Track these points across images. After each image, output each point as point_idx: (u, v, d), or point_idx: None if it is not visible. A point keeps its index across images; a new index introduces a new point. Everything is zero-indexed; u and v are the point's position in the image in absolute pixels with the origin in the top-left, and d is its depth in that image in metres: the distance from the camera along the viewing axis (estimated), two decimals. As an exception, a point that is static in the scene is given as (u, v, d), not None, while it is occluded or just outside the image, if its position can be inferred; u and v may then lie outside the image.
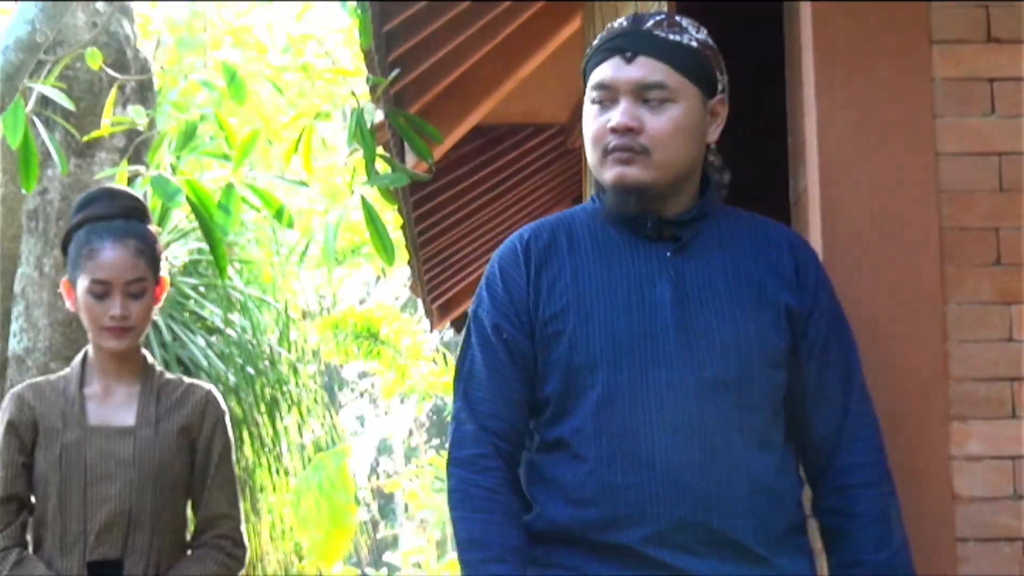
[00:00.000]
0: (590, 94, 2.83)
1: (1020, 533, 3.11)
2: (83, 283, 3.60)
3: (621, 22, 2.85)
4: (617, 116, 2.77)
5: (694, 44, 2.79)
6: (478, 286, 2.90)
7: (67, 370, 3.73)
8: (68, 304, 3.70)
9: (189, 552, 3.69)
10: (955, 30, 3.25)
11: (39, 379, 3.79)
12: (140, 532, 3.59)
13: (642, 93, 2.77)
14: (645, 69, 2.77)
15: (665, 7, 4.23)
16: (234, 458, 3.78)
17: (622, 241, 2.82)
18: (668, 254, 2.80)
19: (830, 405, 2.81)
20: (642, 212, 2.80)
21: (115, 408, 3.66)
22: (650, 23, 2.81)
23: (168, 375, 3.78)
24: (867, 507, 2.77)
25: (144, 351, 3.76)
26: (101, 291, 3.59)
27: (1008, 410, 3.16)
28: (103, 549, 3.55)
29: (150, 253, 3.69)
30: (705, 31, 2.84)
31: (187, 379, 3.81)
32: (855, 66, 3.21)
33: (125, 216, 3.68)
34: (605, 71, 2.80)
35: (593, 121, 2.81)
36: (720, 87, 2.83)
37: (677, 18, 2.84)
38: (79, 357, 3.74)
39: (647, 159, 2.76)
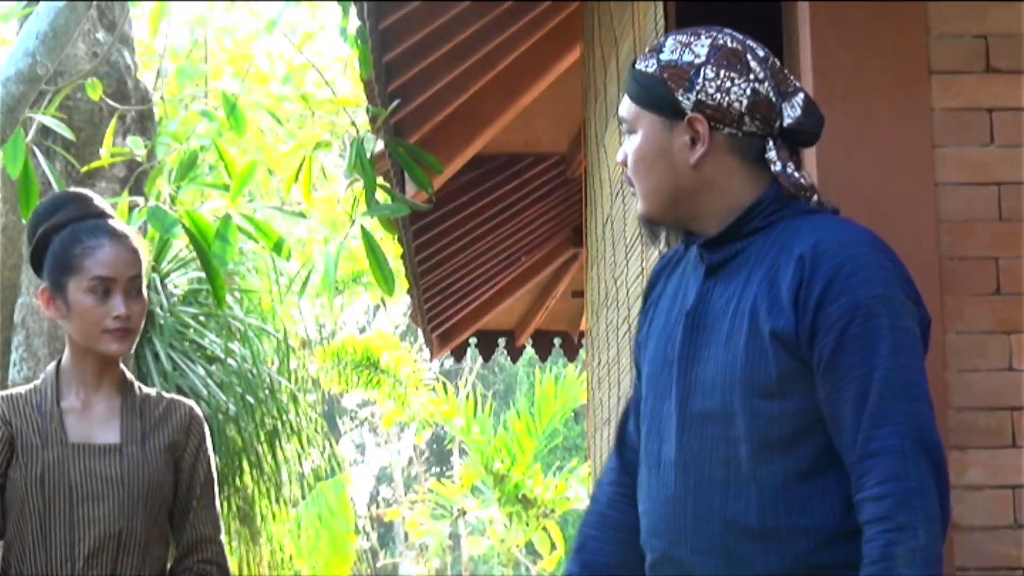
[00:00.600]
0: None
1: (1020, 562, 3.11)
2: (79, 284, 3.35)
3: None
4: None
5: (651, 69, 2.72)
6: None
7: (37, 382, 3.47)
8: (49, 313, 3.43)
9: None
10: (954, 61, 3.26)
11: (12, 391, 3.48)
12: (129, 556, 3.37)
13: (624, 130, 2.80)
14: (621, 104, 2.81)
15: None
16: (216, 479, 3.61)
17: (695, 265, 2.79)
18: (703, 278, 2.75)
19: (846, 433, 2.54)
20: (688, 235, 2.78)
21: (96, 424, 3.42)
22: (645, 52, 2.80)
23: (146, 388, 3.54)
24: (868, 547, 2.49)
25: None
26: (104, 289, 3.34)
27: (1008, 439, 3.16)
28: (92, 575, 3.32)
29: (142, 251, 3.45)
30: (692, 46, 2.73)
31: (166, 393, 3.60)
32: (855, 96, 3.22)
33: (104, 216, 3.46)
34: None
35: None
36: (688, 106, 2.68)
37: (667, 38, 2.78)
38: (51, 369, 3.47)
39: (636, 192, 2.78)
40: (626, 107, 2.78)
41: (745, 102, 2.68)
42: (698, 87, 2.68)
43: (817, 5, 3.27)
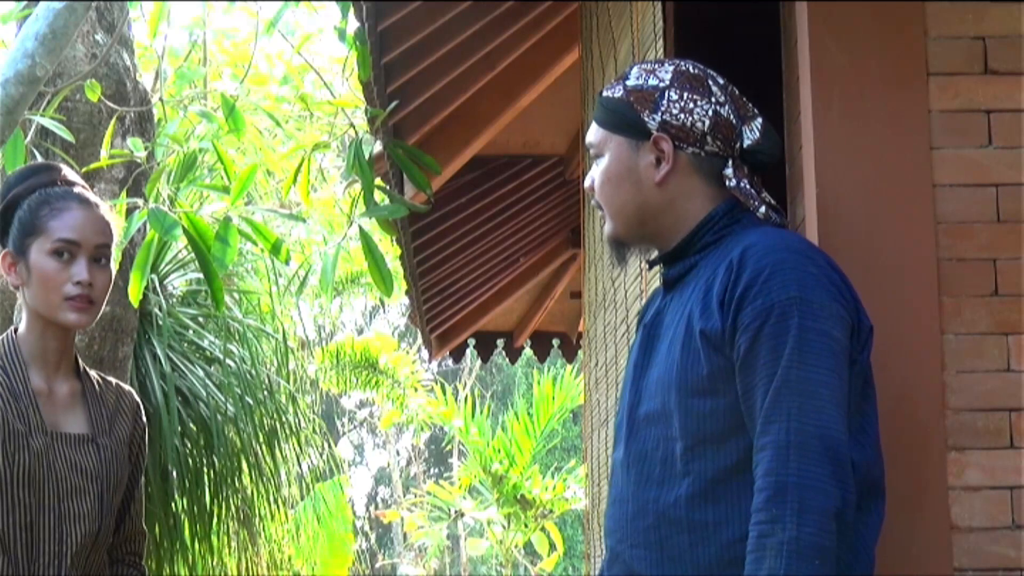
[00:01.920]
0: None
1: (1019, 563, 3.11)
2: (42, 246, 3.17)
3: None
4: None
5: (618, 94, 2.87)
6: None
7: None
8: (9, 279, 3.23)
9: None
10: (952, 62, 3.27)
11: None
12: (98, 554, 3.24)
13: (592, 155, 2.92)
14: (588, 132, 2.94)
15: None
16: None
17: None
18: (663, 293, 2.91)
19: (753, 428, 2.63)
20: (652, 254, 2.94)
21: (61, 410, 3.23)
22: (610, 82, 2.95)
23: (91, 371, 3.36)
24: (748, 538, 2.57)
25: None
26: (68, 252, 3.16)
27: (1006, 440, 3.16)
28: (75, 574, 3.16)
29: (113, 223, 3.30)
30: (656, 72, 2.86)
31: (108, 377, 3.39)
32: (852, 98, 3.23)
33: (76, 185, 3.33)
34: None
35: None
36: (653, 127, 2.83)
37: (632, 68, 2.92)
38: (7, 343, 3.24)
39: (605, 213, 2.92)
40: (594, 133, 2.92)
41: (707, 122, 2.82)
42: (663, 108, 2.83)
43: (815, 6, 3.27)
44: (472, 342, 10.57)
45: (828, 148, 3.21)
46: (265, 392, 9.23)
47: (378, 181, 5.29)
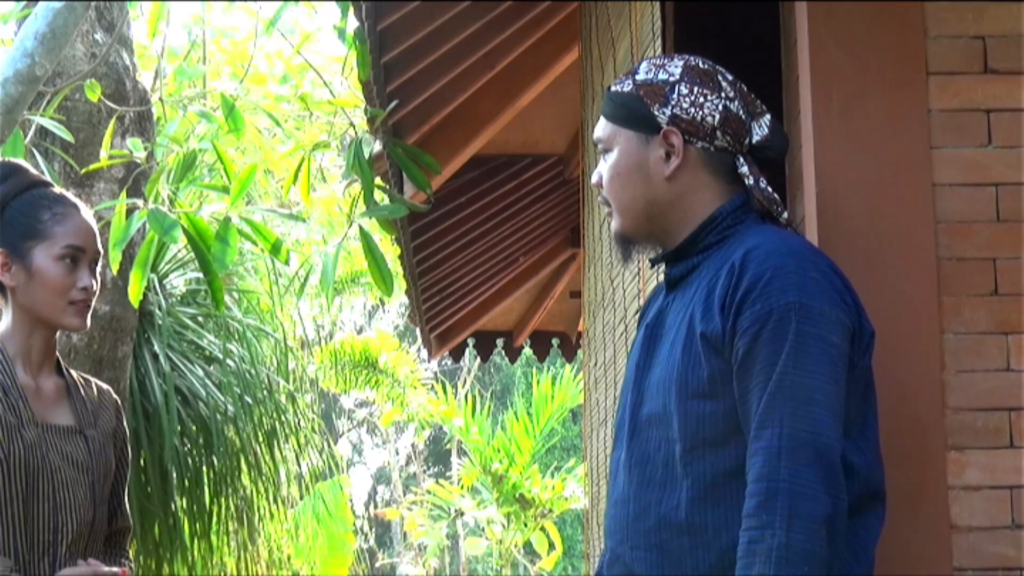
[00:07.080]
0: None
1: (1019, 563, 3.11)
2: (49, 250, 3.24)
3: None
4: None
5: (627, 88, 2.86)
6: None
7: None
8: (2, 279, 3.28)
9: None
10: (952, 61, 3.27)
11: None
12: (95, 544, 3.29)
13: (600, 151, 2.93)
14: (596, 127, 2.94)
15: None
16: None
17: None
18: (665, 292, 2.91)
19: (748, 431, 2.63)
20: (657, 253, 2.93)
21: (49, 404, 3.28)
22: (619, 77, 2.94)
23: (71, 370, 3.42)
24: (739, 544, 2.58)
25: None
26: (72, 259, 3.25)
27: (1006, 439, 3.16)
28: (71, 563, 3.19)
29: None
30: (666, 66, 2.86)
31: (87, 376, 3.46)
32: (852, 97, 3.23)
33: (53, 186, 3.38)
34: None
35: None
36: (663, 121, 2.82)
37: (641, 63, 2.92)
38: None
39: (612, 209, 2.92)
40: (602, 127, 2.91)
41: (717, 117, 2.82)
42: (673, 102, 2.82)
43: (815, 5, 3.28)
44: (472, 341, 10.57)
45: (828, 148, 3.21)
46: (264, 391, 9.23)
47: (378, 181, 5.29)
